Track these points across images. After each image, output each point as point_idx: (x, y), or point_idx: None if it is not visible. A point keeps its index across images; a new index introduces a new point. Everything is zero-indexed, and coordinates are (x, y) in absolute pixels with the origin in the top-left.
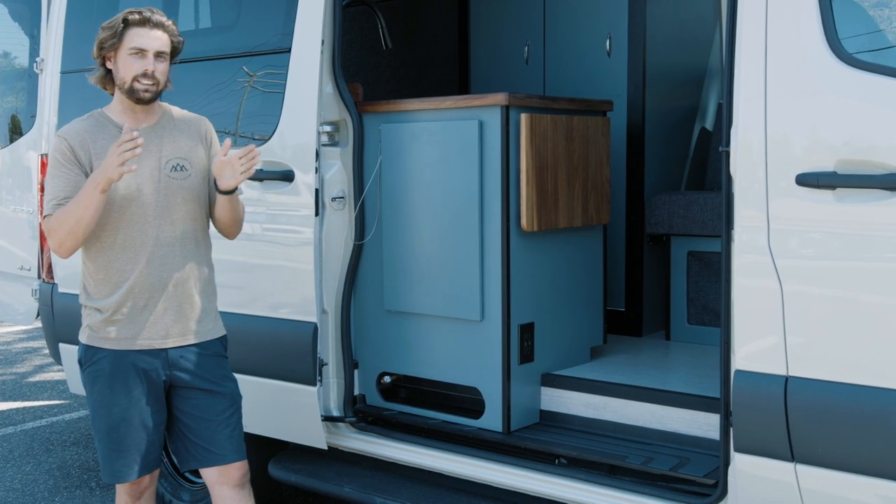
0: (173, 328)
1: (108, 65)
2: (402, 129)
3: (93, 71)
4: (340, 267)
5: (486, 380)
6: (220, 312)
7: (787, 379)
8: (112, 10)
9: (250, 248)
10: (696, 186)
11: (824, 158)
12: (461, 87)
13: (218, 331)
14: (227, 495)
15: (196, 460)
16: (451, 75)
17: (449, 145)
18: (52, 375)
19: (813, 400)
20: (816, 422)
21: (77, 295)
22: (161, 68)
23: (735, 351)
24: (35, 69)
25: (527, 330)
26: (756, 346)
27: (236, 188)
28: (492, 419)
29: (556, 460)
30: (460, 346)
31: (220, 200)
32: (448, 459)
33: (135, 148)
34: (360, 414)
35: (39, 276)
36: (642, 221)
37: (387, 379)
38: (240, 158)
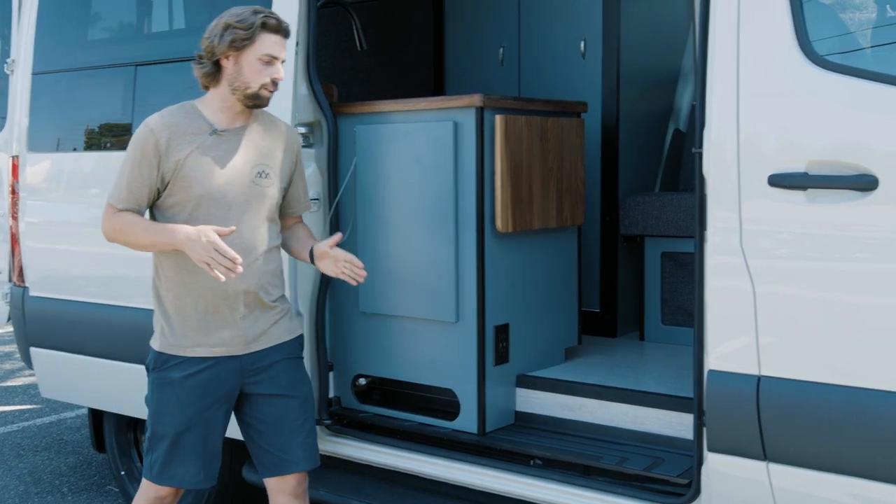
0: (249, 333)
1: (224, 62)
2: (377, 130)
3: (203, 64)
4: (315, 269)
5: (461, 381)
6: None
7: (759, 378)
8: (84, 12)
9: None
10: (669, 188)
11: (796, 159)
12: (436, 88)
13: (294, 330)
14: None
15: (268, 469)
16: (426, 77)
17: (424, 147)
18: (24, 380)
19: (785, 399)
20: (788, 421)
21: (48, 299)
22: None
23: (708, 351)
24: (6, 70)
25: (502, 331)
26: (729, 347)
27: None
28: (467, 421)
29: (531, 461)
30: (435, 347)
31: (304, 256)
32: (423, 461)
33: (230, 271)
34: (334, 416)
35: (10, 280)
36: (617, 222)
37: (362, 381)
38: (345, 262)
